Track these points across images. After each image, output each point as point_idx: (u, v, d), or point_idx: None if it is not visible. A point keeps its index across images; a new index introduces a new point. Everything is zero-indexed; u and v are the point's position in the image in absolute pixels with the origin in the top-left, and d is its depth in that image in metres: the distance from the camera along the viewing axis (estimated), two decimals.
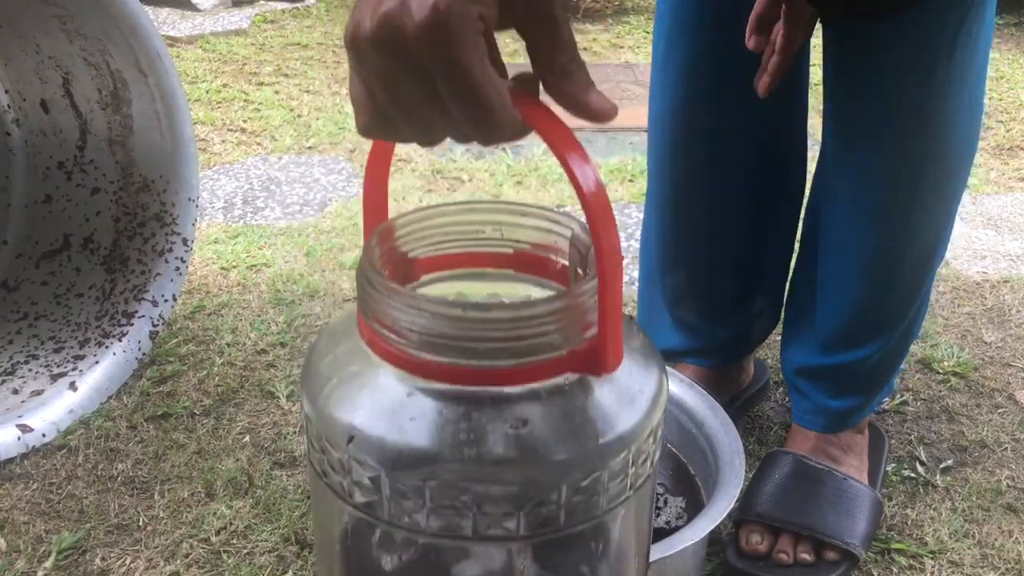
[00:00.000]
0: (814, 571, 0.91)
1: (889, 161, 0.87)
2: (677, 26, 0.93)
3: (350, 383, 0.44)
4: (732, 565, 0.92)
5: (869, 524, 0.93)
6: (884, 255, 0.91)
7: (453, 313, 0.40)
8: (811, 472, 0.97)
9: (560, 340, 0.41)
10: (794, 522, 0.92)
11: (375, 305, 0.42)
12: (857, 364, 0.97)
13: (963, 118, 0.86)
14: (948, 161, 0.87)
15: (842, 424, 1.00)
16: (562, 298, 0.41)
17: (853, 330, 0.95)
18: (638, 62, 2.60)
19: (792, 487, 0.95)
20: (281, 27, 2.95)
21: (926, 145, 0.85)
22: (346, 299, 1.38)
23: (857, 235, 0.91)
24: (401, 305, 0.41)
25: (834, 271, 0.95)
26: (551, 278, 0.48)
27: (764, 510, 0.94)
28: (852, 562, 0.92)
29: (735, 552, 0.93)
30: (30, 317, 1.26)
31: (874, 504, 0.95)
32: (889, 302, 0.94)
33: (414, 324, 0.41)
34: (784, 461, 0.98)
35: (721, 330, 1.08)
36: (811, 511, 0.93)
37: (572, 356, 0.42)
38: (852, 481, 0.96)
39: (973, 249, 1.56)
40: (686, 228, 1.03)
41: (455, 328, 0.40)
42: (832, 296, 0.96)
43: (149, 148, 1.22)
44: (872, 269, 0.92)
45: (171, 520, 0.97)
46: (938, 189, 0.89)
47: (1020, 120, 2.14)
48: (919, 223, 0.90)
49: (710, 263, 1.05)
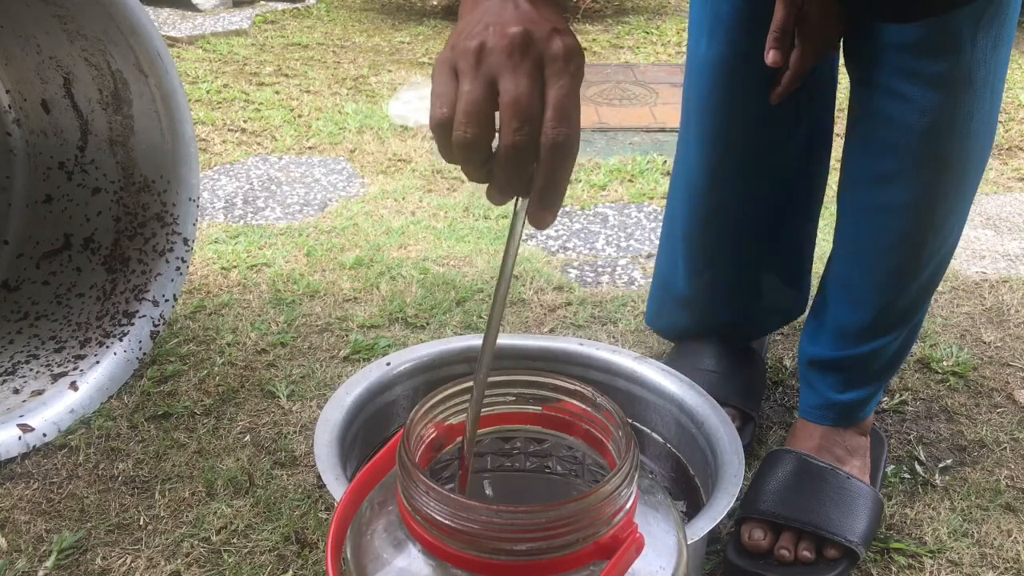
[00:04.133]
0: (814, 570, 0.91)
1: (915, 158, 0.89)
2: (716, 21, 0.96)
3: (388, 568, 0.47)
4: (732, 563, 0.92)
5: (870, 523, 0.94)
6: (910, 249, 0.93)
7: (488, 519, 0.43)
8: (814, 470, 0.97)
9: (587, 535, 0.44)
10: (796, 519, 0.92)
11: (414, 497, 0.45)
12: (872, 356, 0.98)
13: (984, 114, 0.88)
14: (971, 153, 0.90)
15: (849, 418, 1.00)
16: (588, 498, 0.43)
17: (874, 322, 0.97)
18: (638, 62, 2.60)
19: (795, 485, 0.96)
20: (281, 27, 2.95)
21: (950, 140, 0.87)
22: (346, 299, 1.39)
23: (883, 231, 0.93)
24: (437, 503, 0.44)
25: (859, 265, 0.97)
26: (578, 437, 0.52)
27: (767, 507, 0.94)
28: (852, 560, 0.92)
29: (736, 549, 0.93)
30: (31, 317, 1.27)
31: (875, 503, 0.96)
32: (911, 294, 0.96)
33: (448, 519, 0.44)
34: (787, 459, 0.99)
35: (732, 313, 1.13)
36: (813, 508, 0.93)
37: (596, 547, 0.44)
38: (855, 480, 0.96)
39: (972, 249, 1.57)
40: (713, 215, 1.06)
41: (489, 529, 0.43)
42: (857, 289, 0.97)
43: (150, 148, 1.22)
44: (898, 263, 0.94)
45: (172, 519, 0.98)
46: (962, 182, 0.91)
47: (1020, 120, 2.14)
48: (944, 217, 0.92)
49: (735, 250, 1.09)
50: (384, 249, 1.53)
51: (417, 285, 1.42)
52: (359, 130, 2.07)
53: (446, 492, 0.44)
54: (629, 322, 1.34)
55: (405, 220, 1.64)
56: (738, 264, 1.10)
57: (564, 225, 1.65)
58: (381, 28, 2.97)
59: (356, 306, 1.37)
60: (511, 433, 0.53)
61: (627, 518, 0.45)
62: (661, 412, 0.95)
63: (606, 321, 1.34)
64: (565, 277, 1.47)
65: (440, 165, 1.88)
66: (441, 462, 0.52)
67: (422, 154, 1.94)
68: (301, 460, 1.06)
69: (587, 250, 1.57)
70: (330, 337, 1.29)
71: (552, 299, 1.39)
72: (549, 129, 0.51)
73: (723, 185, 1.04)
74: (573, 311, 1.36)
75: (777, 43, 0.89)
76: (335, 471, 0.81)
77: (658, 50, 2.75)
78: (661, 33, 2.93)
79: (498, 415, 0.52)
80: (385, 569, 0.46)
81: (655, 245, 1.58)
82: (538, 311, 1.36)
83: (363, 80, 2.43)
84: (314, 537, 0.95)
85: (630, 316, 1.35)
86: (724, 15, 0.94)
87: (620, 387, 0.97)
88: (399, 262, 1.49)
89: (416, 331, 1.31)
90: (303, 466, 1.05)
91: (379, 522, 0.49)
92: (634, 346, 1.28)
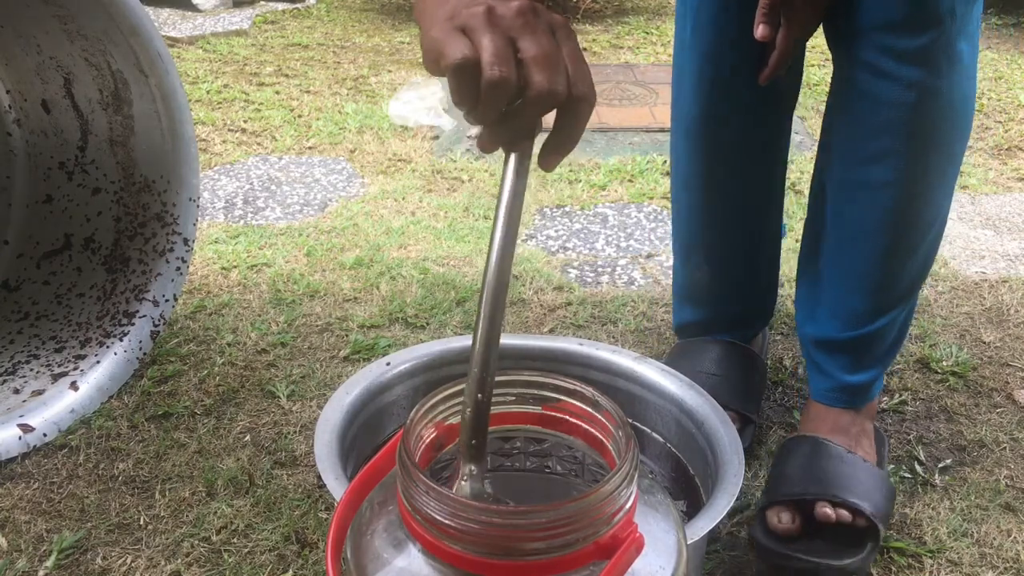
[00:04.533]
0: (846, 552, 0.92)
1: (902, 135, 0.91)
2: (704, 10, 0.98)
3: (388, 568, 0.47)
4: (763, 545, 0.92)
5: (887, 502, 0.95)
6: (904, 226, 0.95)
7: (488, 518, 0.43)
8: (831, 451, 0.98)
9: (587, 535, 0.44)
10: (823, 493, 0.93)
11: (414, 497, 0.45)
12: (877, 335, 1.00)
13: (966, 86, 0.91)
14: (955, 125, 0.92)
15: (859, 399, 1.02)
16: (588, 498, 0.44)
17: (877, 302, 0.99)
18: (638, 62, 2.60)
19: (815, 465, 0.97)
20: (281, 28, 2.95)
21: (935, 114, 0.90)
22: (346, 299, 1.39)
23: (875, 209, 0.95)
24: (437, 503, 0.44)
25: (855, 246, 0.98)
26: (578, 437, 0.52)
27: (790, 489, 0.95)
28: (875, 534, 0.92)
29: (764, 533, 0.94)
30: (31, 317, 1.27)
31: (889, 486, 0.98)
32: (909, 271, 0.98)
33: (448, 519, 0.44)
34: (804, 443, 1.00)
35: (735, 305, 1.15)
36: (836, 482, 0.94)
37: (596, 547, 0.44)
38: (869, 463, 0.98)
39: (972, 249, 1.57)
40: (708, 205, 1.09)
41: (489, 529, 0.43)
42: (855, 270, 0.99)
43: (150, 148, 1.22)
44: (894, 240, 0.96)
45: (172, 519, 0.98)
46: (949, 154, 0.94)
47: (1018, 120, 2.14)
48: (933, 190, 0.95)
49: (730, 235, 1.12)
50: (384, 249, 1.54)
51: (417, 285, 1.42)
52: (359, 130, 2.07)
53: (446, 492, 0.44)
54: (629, 322, 1.34)
55: (405, 220, 1.65)
56: (733, 250, 1.13)
57: (564, 225, 1.66)
58: (381, 28, 2.97)
59: (356, 306, 1.37)
60: (511, 433, 0.53)
61: (627, 518, 0.46)
62: (661, 412, 0.95)
63: (606, 321, 1.34)
64: (565, 277, 1.47)
65: (440, 165, 1.88)
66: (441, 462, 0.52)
67: (422, 154, 1.94)
68: (301, 460, 1.06)
69: (587, 250, 1.57)
70: (330, 337, 1.29)
71: (552, 299, 1.40)
72: (576, 82, 0.55)
73: (713, 169, 1.07)
74: (573, 311, 1.36)
75: (766, 18, 0.92)
76: (335, 471, 0.81)
77: (658, 50, 2.75)
78: (661, 33, 2.93)
79: (498, 415, 0.52)
80: (385, 569, 0.46)
81: (655, 245, 1.58)
82: (538, 311, 1.37)
83: (363, 80, 2.43)
84: (314, 537, 0.95)
85: (630, 316, 1.35)
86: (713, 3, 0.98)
87: (620, 387, 0.97)
88: (399, 262, 1.49)
89: (416, 331, 1.31)
90: (303, 466, 1.05)
91: (379, 522, 0.49)
92: (634, 346, 1.28)
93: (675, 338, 1.29)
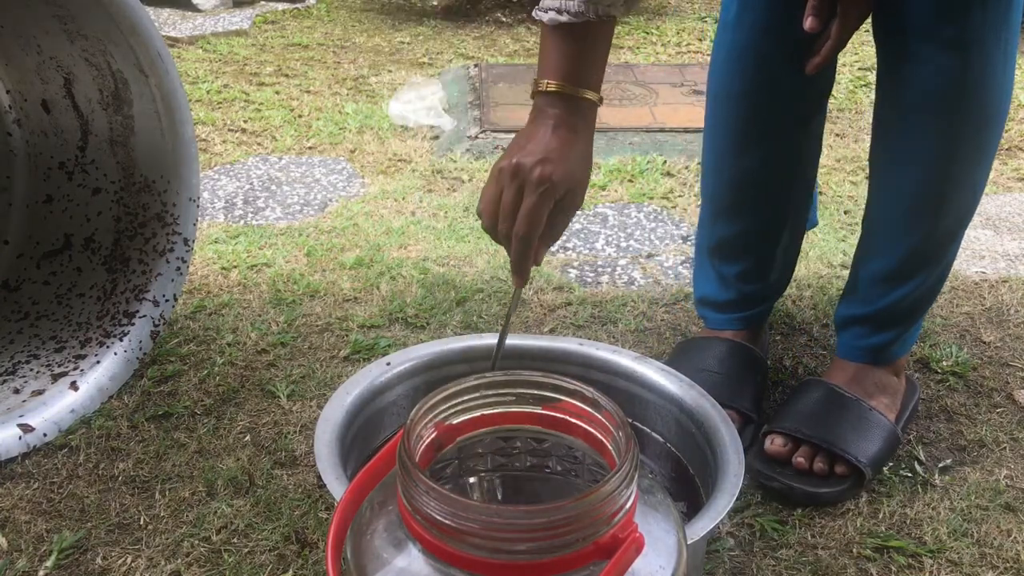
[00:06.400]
0: (823, 482, 1.00)
1: (933, 116, 0.97)
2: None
3: (388, 568, 0.47)
4: (754, 468, 1.01)
5: (881, 450, 1.03)
6: (933, 197, 1.00)
7: (488, 518, 0.43)
8: (840, 399, 1.06)
9: (586, 535, 0.44)
10: (815, 435, 1.02)
11: (414, 497, 0.45)
12: (896, 303, 1.06)
13: (998, 75, 0.95)
14: (985, 111, 0.98)
15: (881, 357, 1.09)
16: (588, 498, 0.44)
17: (900, 266, 1.04)
18: (638, 62, 2.60)
19: (819, 408, 1.05)
20: (282, 28, 2.95)
21: (964, 100, 0.95)
22: (346, 299, 1.39)
23: (908, 180, 1.01)
24: (437, 503, 0.44)
25: (887, 209, 1.04)
26: (578, 437, 0.53)
27: (790, 423, 1.04)
28: (859, 479, 1.01)
29: (758, 455, 1.03)
30: (31, 317, 1.27)
31: (891, 435, 1.04)
32: (934, 239, 1.03)
33: (449, 519, 0.44)
34: (817, 387, 1.08)
35: (748, 285, 1.18)
36: (832, 428, 1.03)
37: (596, 547, 0.45)
38: (877, 413, 1.05)
39: (972, 249, 1.57)
40: (737, 181, 1.13)
41: (489, 529, 0.44)
42: (884, 232, 1.05)
43: (150, 148, 1.22)
44: (921, 207, 1.02)
45: (172, 519, 0.98)
46: (978, 137, 0.99)
47: (1019, 120, 2.14)
48: (962, 170, 1.00)
49: (757, 212, 1.15)
50: (384, 249, 1.54)
51: (417, 285, 1.42)
52: (359, 130, 2.07)
53: (446, 492, 0.44)
54: (629, 322, 1.34)
55: (405, 220, 1.65)
56: (760, 219, 1.16)
57: None
58: (381, 28, 2.97)
59: (356, 306, 1.37)
60: (511, 433, 0.53)
61: (627, 518, 0.46)
62: (661, 412, 0.95)
63: (606, 321, 1.34)
64: (565, 277, 1.47)
65: (440, 165, 1.88)
66: (441, 462, 0.52)
67: (422, 154, 1.94)
68: (301, 460, 1.06)
69: (587, 250, 1.57)
70: (330, 337, 1.29)
71: (552, 299, 1.40)
72: (518, 226, 0.86)
73: (744, 147, 1.11)
74: (573, 311, 1.36)
75: (815, 11, 0.95)
76: (335, 471, 0.81)
77: (658, 50, 2.75)
78: (661, 33, 2.93)
79: (498, 415, 0.52)
80: (385, 569, 0.47)
81: (655, 245, 1.58)
82: (538, 311, 1.37)
83: (363, 80, 2.43)
84: (314, 537, 0.95)
85: (630, 316, 1.35)
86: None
87: (620, 387, 0.98)
88: (399, 262, 1.49)
89: (416, 331, 1.31)
90: (303, 466, 1.05)
91: (379, 522, 0.49)
92: (634, 346, 1.28)
93: (675, 338, 1.29)
